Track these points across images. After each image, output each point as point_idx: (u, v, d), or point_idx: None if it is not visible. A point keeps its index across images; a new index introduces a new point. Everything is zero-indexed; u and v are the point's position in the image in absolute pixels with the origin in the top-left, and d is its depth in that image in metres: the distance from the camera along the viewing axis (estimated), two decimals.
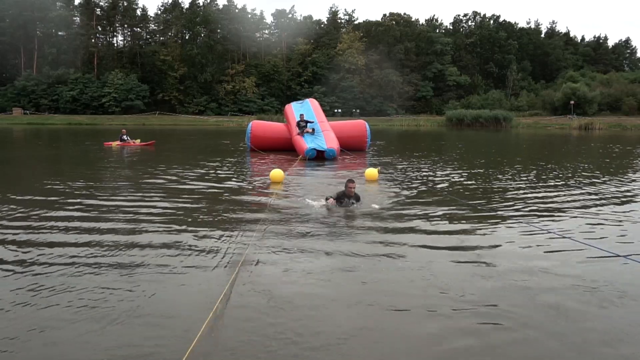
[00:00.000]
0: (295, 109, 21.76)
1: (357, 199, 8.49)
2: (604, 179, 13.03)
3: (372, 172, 12.34)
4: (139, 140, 24.70)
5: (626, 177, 13.73)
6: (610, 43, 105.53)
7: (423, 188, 11.04)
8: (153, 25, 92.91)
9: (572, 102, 70.13)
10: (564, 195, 10.26)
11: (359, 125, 21.64)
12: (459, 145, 28.36)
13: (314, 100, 23.03)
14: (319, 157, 17.41)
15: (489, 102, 78.84)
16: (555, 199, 9.74)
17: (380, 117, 74.12)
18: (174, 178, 12.35)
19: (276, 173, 11.68)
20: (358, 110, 79.02)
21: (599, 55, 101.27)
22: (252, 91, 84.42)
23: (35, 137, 36.32)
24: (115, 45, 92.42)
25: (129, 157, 18.94)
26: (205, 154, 20.41)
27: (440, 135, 43.84)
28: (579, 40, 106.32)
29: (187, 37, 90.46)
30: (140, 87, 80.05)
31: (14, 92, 77.57)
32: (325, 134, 19.08)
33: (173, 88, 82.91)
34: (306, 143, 18.09)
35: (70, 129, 52.01)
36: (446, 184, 11.75)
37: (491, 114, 65.43)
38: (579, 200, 9.68)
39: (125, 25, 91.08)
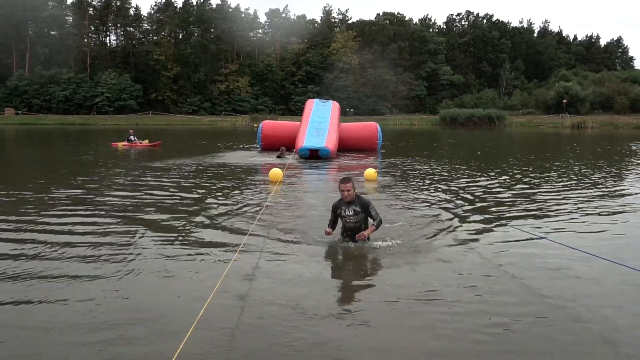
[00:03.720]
0: (316, 107, 21.89)
1: (364, 207, 6.01)
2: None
3: (370, 172, 12.36)
4: (146, 141, 24.42)
5: None
6: (603, 42, 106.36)
7: (426, 189, 10.95)
8: (146, 25, 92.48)
9: (564, 100, 70.50)
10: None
11: (370, 127, 22.12)
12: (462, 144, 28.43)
13: (336, 104, 23.19)
14: (316, 156, 17.48)
15: (482, 101, 79.13)
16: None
17: (374, 117, 74.13)
18: (178, 178, 12.34)
19: (275, 172, 11.89)
20: (352, 110, 79.04)
21: (591, 54, 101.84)
22: (246, 91, 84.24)
23: (37, 138, 36.13)
24: (108, 44, 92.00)
25: (135, 158, 18.79)
26: (209, 154, 20.20)
27: (439, 135, 43.96)
28: (572, 40, 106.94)
29: (180, 37, 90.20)
30: (134, 86, 79.68)
31: (6, 92, 76.97)
32: (328, 135, 19.18)
33: (166, 88, 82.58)
34: (304, 141, 18.19)
35: (63, 129, 51.70)
36: (455, 188, 11.47)
37: (484, 113, 65.73)
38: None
39: (118, 25, 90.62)
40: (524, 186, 11.43)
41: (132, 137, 23.89)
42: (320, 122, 20.34)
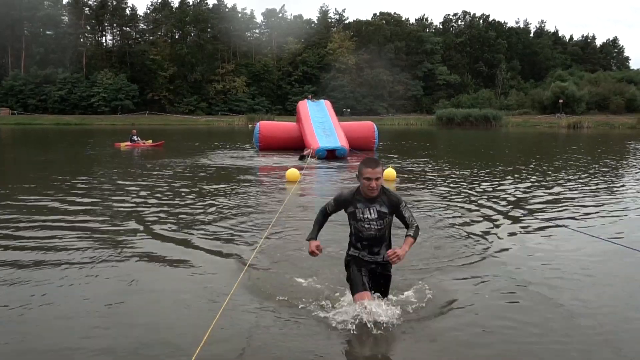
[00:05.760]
0: (311, 107, 22.02)
1: (394, 206, 3.93)
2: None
3: (389, 172, 11.95)
4: (150, 141, 24.26)
5: None
6: (598, 42, 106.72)
7: (447, 192, 10.64)
8: (142, 25, 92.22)
9: (560, 101, 70.71)
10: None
11: (367, 126, 22.25)
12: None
13: (329, 102, 23.38)
14: (329, 156, 17.56)
15: (479, 101, 79.35)
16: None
17: (371, 117, 74.06)
18: (184, 179, 12.31)
19: (292, 172, 11.96)
20: (349, 110, 79.07)
21: (587, 54, 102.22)
22: (243, 91, 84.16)
23: (37, 139, 35.95)
24: (104, 44, 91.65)
25: (139, 159, 18.70)
26: (213, 155, 20.09)
27: (438, 135, 43.91)
28: (568, 40, 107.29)
29: (176, 37, 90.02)
30: (130, 86, 79.46)
31: (1, 92, 76.67)
32: (337, 134, 19.32)
33: (163, 88, 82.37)
34: (319, 142, 18.18)
35: (60, 130, 51.43)
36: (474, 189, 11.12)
37: (481, 113, 65.89)
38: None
39: (115, 25, 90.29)
40: (549, 186, 11.36)
41: (135, 137, 23.78)
42: (322, 122, 20.43)
